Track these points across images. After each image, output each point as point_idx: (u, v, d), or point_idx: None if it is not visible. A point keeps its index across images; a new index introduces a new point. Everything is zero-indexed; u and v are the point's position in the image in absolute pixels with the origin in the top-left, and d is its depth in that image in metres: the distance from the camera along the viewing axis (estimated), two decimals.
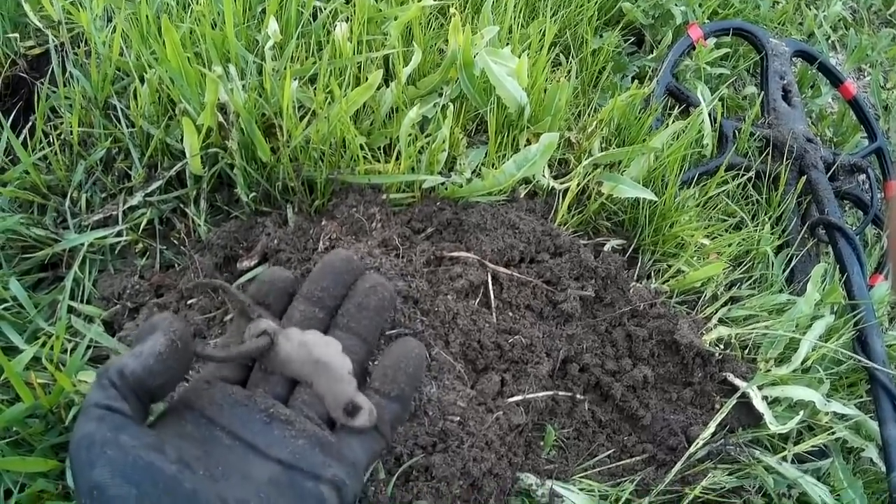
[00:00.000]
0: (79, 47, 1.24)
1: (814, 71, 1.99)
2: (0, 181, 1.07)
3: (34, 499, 0.83)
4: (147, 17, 1.15)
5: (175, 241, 1.12)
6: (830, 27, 2.38)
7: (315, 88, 1.13)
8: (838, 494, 1.14)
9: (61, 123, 1.14)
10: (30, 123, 1.17)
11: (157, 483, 0.48)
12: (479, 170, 1.20)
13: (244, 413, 0.60)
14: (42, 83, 1.19)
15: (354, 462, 0.61)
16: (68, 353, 0.94)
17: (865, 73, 2.45)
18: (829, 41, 2.37)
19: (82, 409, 0.51)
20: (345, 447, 0.61)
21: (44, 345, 0.91)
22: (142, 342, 0.56)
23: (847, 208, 1.91)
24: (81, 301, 1.04)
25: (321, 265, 0.73)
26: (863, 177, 1.85)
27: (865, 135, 1.94)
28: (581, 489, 1.02)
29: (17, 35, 1.32)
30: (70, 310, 1.01)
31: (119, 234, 1.09)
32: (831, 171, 1.71)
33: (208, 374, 0.64)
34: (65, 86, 1.16)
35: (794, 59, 1.97)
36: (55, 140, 1.12)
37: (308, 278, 0.72)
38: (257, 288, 0.71)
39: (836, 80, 1.95)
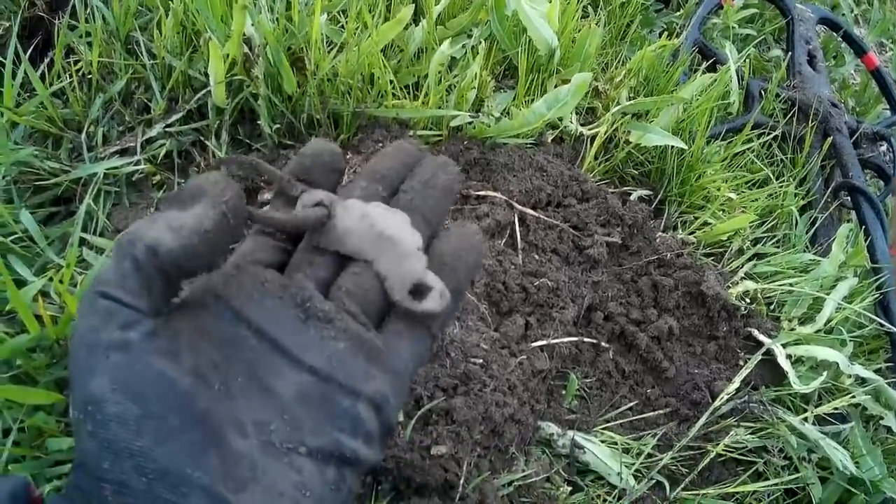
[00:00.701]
0: None
1: (838, 40, 1.96)
2: (16, 114, 1.04)
3: (34, 436, 0.80)
4: None
5: (194, 174, 1.09)
6: (854, 0, 2.35)
7: (345, 21, 1.10)
8: (857, 462, 1.12)
9: (79, 61, 1.11)
10: (48, 59, 1.14)
11: (165, 400, 0.39)
12: (508, 112, 1.17)
13: (276, 307, 0.48)
14: (62, 18, 1.16)
15: (401, 371, 0.50)
16: (78, 285, 0.91)
17: (887, 49, 2.43)
18: (853, 14, 2.34)
19: (89, 291, 0.40)
20: (392, 351, 0.50)
21: (52, 277, 0.88)
22: (181, 209, 0.44)
23: (869, 178, 1.89)
24: (94, 234, 1.01)
25: (385, 150, 0.61)
26: (885, 147, 1.83)
27: (887, 106, 1.91)
28: (603, 441, 1.00)
29: None
30: (82, 242, 0.98)
31: (136, 164, 1.06)
32: (854, 137, 1.68)
33: (240, 256, 0.53)
34: (86, 21, 1.13)
35: (818, 26, 1.94)
36: (74, 75, 1.09)
37: (369, 163, 0.61)
38: (298, 162, 0.57)
39: (859, 50, 1.92)
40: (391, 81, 1.08)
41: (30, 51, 1.15)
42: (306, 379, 0.46)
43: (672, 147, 1.22)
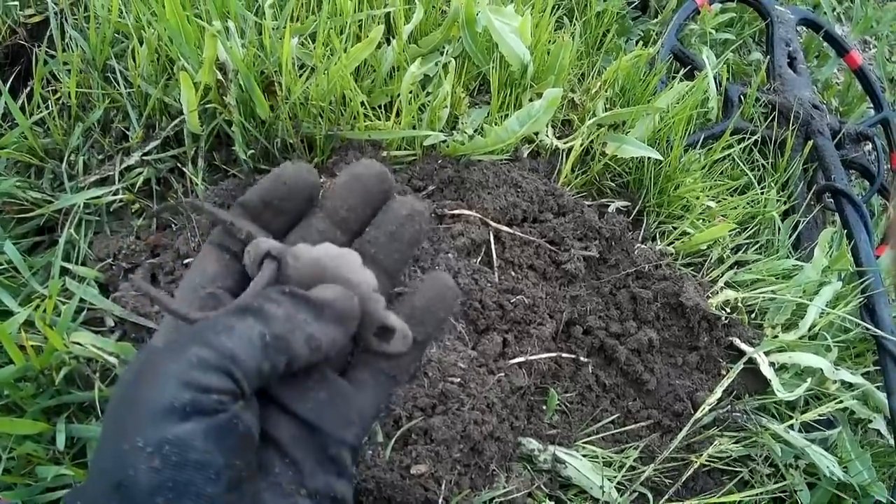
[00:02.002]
0: (78, 11, 1.22)
1: (819, 40, 1.96)
2: None
3: (23, 464, 0.81)
4: None
5: (172, 201, 1.10)
6: None
7: (315, 45, 1.11)
8: (845, 466, 1.12)
9: (60, 88, 1.12)
10: (28, 89, 1.15)
11: (242, 456, 0.42)
12: (482, 128, 1.17)
13: None
14: (40, 47, 1.17)
15: (369, 417, 0.53)
16: (62, 315, 0.92)
17: (871, 46, 2.43)
18: (835, 12, 2.35)
19: (204, 349, 0.41)
20: (361, 397, 0.53)
21: (37, 308, 0.88)
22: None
23: (853, 178, 1.89)
24: (77, 262, 1.02)
25: (349, 178, 0.57)
26: (869, 146, 1.83)
27: (871, 105, 1.91)
28: (584, 455, 1.00)
29: (17, 3, 1.29)
30: (65, 271, 0.99)
31: (115, 193, 1.07)
32: (837, 138, 1.69)
33: (206, 279, 0.53)
34: (63, 51, 1.14)
35: (799, 27, 1.94)
36: (53, 104, 1.10)
37: (332, 190, 0.57)
38: (272, 188, 0.55)
39: (841, 50, 1.93)
40: (363, 103, 1.08)
41: (11, 80, 1.16)
42: (298, 428, 0.49)
43: (649, 157, 1.23)
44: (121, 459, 0.38)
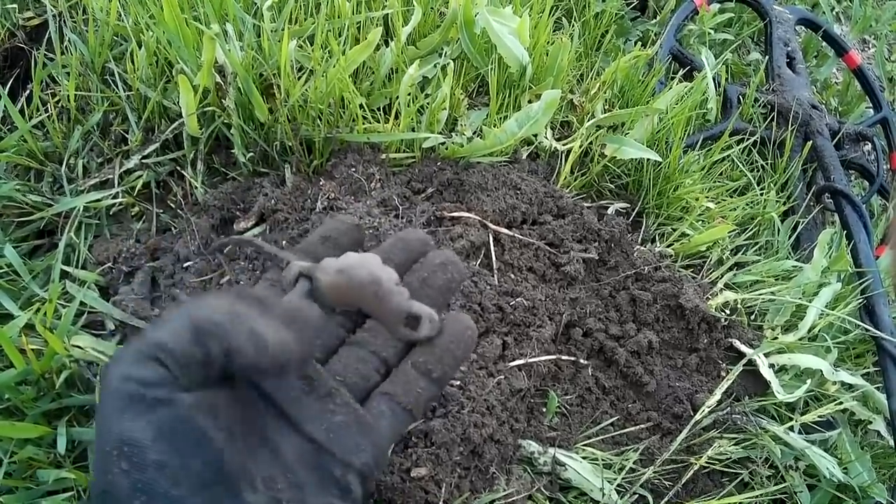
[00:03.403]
0: (77, 14, 1.22)
1: (818, 40, 1.96)
2: None
3: (24, 467, 0.81)
4: None
5: (171, 205, 1.10)
6: None
7: (313, 48, 1.11)
8: (845, 467, 1.12)
9: (59, 91, 1.12)
10: (27, 92, 1.15)
11: (203, 455, 0.42)
12: (481, 130, 1.18)
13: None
14: (39, 50, 1.17)
15: (384, 445, 0.55)
16: (62, 318, 0.92)
17: (870, 46, 2.43)
18: (834, 12, 2.35)
19: (142, 347, 0.42)
20: (377, 426, 0.55)
21: (37, 311, 0.89)
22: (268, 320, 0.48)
23: (853, 178, 1.89)
24: (77, 266, 1.02)
25: (395, 239, 0.64)
26: (868, 146, 1.83)
27: (870, 105, 1.91)
28: (584, 457, 1.00)
29: (15, 6, 1.29)
30: (65, 275, 0.99)
31: (115, 196, 1.07)
32: (836, 138, 1.68)
33: None
34: (62, 53, 1.14)
35: (797, 27, 1.94)
36: (52, 107, 1.10)
37: (378, 248, 0.64)
38: (321, 241, 0.62)
39: (840, 50, 1.92)
40: (361, 105, 1.09)
41: (10, 83, 1.16)
42: (307, 446, 0.51)
43: (648, 159, 1.23)
44: (102, 465, 0.39)
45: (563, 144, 1.23)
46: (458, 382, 0.94)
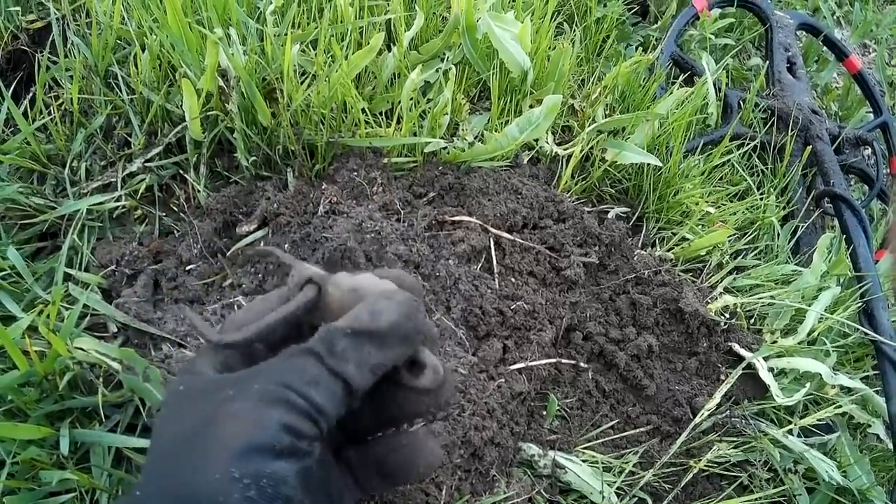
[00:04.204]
0: (80, 17, 1.23)
1: (818, 45, 1.97)
2: (0, 150, 1.06)
3: (27, 468, 0.81)
4: None
5: (174, 208, 1.10)
6: (835, 2, 2.36)
7: (316, 52, 1.12)
8: (844, 471, 1.13)
9: (62, 94, 1.13)
10: (30, 94, 1.16)
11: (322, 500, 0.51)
12: (482, 135, 1.18)
13: None
14: (43, 53, 1.18)
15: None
16: (65, 320, 0.92)
17: (871, 50, 2.43)
18: (835, 17, 2.35)
19: (288, 396, 0.46)
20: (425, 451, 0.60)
21: (40, 313, 0.89)
22: None
23: (852, 182, 1.89)
24: (79, 268, 1.02)
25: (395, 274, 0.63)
26: (868, 151, 1.84)
27: (870, 110, 1.92)
28: (584, 460, 1.01)
29: (18, 8, 1.30)
30: (68, 277, 1.00)
31: (118, 199, 1.07)
32: (836, 143, 1.69)
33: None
34: (66, 56, 1.15)
35: (798, 32, 1.95)
36: (55, 110, 1.11)
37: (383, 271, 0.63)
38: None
39: (841, 54, 1.93)
40: (364, 110, 1.09)
41: (13, 85, 1.16)
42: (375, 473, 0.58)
43: (649, 163, 1.23)
44: (208, 487, 0.42)
45: (564, 149, 1.24)
46: (459, 386, 0.94)
